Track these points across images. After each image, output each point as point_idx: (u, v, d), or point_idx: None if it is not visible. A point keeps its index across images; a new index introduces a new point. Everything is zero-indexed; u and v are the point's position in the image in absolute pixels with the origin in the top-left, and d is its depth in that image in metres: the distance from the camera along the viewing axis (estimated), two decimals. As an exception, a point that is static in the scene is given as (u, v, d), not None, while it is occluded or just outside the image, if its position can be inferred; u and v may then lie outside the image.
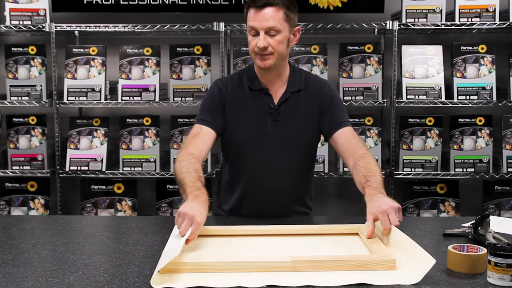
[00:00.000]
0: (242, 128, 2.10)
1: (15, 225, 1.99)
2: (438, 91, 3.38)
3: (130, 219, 2.24)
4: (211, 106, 2.11)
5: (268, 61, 2.02)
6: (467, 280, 1.44)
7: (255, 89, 2.11)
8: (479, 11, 3.36)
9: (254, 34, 2.01)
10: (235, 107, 2.11)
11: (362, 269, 1.47)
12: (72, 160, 3.46)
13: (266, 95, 2.10)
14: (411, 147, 3.43)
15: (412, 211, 3.48)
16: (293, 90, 2.11)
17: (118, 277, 1.46)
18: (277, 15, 1.99)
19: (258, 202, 2.12)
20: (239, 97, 2.11)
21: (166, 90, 3.56)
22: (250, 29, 2.02)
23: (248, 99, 2.11)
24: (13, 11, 3.45)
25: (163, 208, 3.53)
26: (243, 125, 2.10)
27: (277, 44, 2.00)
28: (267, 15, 1.98)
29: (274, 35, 2.00)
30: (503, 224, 1.99)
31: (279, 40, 2.00)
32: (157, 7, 3.50)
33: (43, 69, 3.47)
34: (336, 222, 2.04)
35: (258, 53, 2.01)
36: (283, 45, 2.03)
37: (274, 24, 1.98)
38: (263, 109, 2.09)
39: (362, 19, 3.51)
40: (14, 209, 3.55)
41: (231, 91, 2.12)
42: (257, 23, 1.99)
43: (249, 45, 2.05)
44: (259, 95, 2.11)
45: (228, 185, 2.20)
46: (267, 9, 1.98)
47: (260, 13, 1.99)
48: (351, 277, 1.41)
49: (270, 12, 1.98)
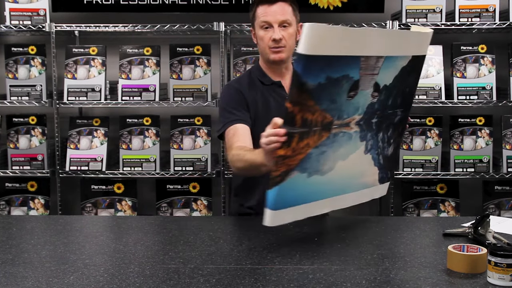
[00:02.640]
0: (265, 120, 2.11)
1: (15, 225, 1.99)
2: (438, 91, 3.38)
3: (130, 219, 2.24)
4: (234, 106, 2.15)
5: (283, 54, 2.14)
6: (467, 280, 1.44)
7: (268, 84, 2.20)
8: (479, 11, 3.36)
9: (266, 28, 2.12)
10: (255, 103, 2.17)
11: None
12: (72, 160, 3.46)
13: (279, 87, 2.20)
14: (411, 147, 3.43)
15: (412, 211, 3.49)
16: None
17: (118, 277, 1.46)
18: (287, 9, 2.13)
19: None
20: (256, 93, 2.18)
21: (166, 90, 3.56)
22: (263, 24, 2.12)
23: (264, 94, 2.19)
24: (13, 11, 3.45)
25: (163, 208, 3.53)
26: (266, 119, 2.10)
27: (289, 36, 2.14)
28: (279, 9, 2.11)
29: (287, 28, 2.12)
30: (503, 224, 1.99)
31: (291, 33, 2.14)
32: (157, 7, 3.50)
33: (43, 69, 3.47)
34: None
35: (273, 46, 2.12)
36: (294, 38, 2.16)
37: (286, 18, 2.12)
38: (280, 101, 2.16)
39: (362, 19, 3.51)
40: (14, 209, 3.55)
41: (247, 90, 2.19)
42: (270, 17, 2.11)
43: (261, 41, 2.16)
44: (273, 88, 2.20)
45: (248, 181, 2.20)
46: (279, 3, 2.12)
47: (272, 7, 2.11)
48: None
49: (282, 7, 2.12)
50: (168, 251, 1.69)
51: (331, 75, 1.57)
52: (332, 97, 1.62)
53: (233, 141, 2.07)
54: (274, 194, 1.60)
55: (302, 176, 1.65)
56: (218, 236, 1.86)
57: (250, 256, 1.64)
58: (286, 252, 1.68)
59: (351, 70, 1.63)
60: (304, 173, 1.65)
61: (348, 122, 1.71)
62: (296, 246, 1.74)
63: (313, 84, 1.54)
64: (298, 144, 1.58)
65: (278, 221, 1.67)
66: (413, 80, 1.93)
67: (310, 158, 1.64)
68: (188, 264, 1.57)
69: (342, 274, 1.50)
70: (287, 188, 1.62)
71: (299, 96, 1.53)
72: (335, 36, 1.56)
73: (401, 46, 1.79)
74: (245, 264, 1.58)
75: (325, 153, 1.68)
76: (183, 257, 1.64)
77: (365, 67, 1.66)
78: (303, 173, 1.65)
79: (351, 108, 1.70)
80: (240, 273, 1.51)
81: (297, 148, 1.59)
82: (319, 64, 1.54)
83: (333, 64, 1.57)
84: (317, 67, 1.54)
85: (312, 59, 1.51)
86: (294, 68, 1.53)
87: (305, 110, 1.55)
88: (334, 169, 1.75)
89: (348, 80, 1.63)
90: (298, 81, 1.52)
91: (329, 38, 1.54)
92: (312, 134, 1.61)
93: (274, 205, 1.62)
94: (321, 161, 1.68)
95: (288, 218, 1.71)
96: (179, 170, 3.42)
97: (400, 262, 1.60)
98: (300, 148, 1.60)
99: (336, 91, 1.62)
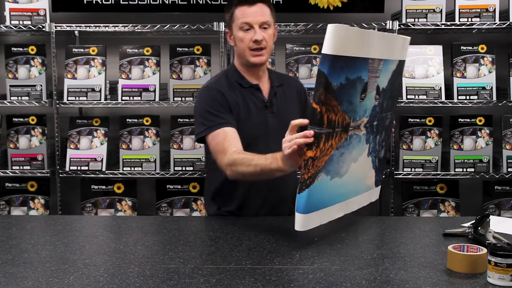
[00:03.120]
0: (246, 124, 2.15)
1: (15, 225, 1.99)
2: (438, 91, 3.38)
3: (130, 219, 2.24)
4: (218, 108, 2.12)
5: (263, 56, 2.14)
6: (467, 280, 1.44)
7: (246, 87, 2.19)
8: (479, 11, 3.36)
9: (247, 29, 2.11)
10: (237, 106, 2.15)
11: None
12: (72, 160, 3.46)
13: (257, 90, 2.20)
14: (411, 147, 3.43)
15: (412, 211, 3.48)
16: (277, 84, 2.24)
17: (118, 277, 1.46)
18: (266, 10, 2.14)
19: (265, 192, 2.17)
20: (236, 95, 2.16)
21: (166, 90, 3.56)
22: (243, 26, 2.11)
23: (244, 96, 2.18)
24: (13, 11, 3.45)
25: (163, 208, 3.53)
26: (246, 122, 2.15)
27: (269, 37, 2.14)
28: (260, 10, 2.11)
29: (267, 29, 2.13)
30: (503, 224, 1.99)
31: (270, 34, 2.15)
32: (157, 7, 3.50)
33: (43, 69, 3.47)
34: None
35: (254, 47, 2.11)
36: (272, 40, 2.18)
37: (266, 19, 2.13)
38: (258, 103, 2.18)
39: (362, 19, 3.50)
40: (14, 209, 3.55)
41: (228, 92, 2.16)
42: (251, 18, 2.10)
43: (240, 42, 2.14)
44: (251, 91, 2.19)
45: (228, 185, 2.18)
46: (258, 5, 2.12)
47: (252, 8, 2.11)
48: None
49: (261, 8, 2.12)
50: (168, 251, 1.69)
51: (349, 76, 1.61)
52: (349, 98, 1.65)
53: (226, 145, 2.03)
54: (305, 197, 1.61)
55: (326, 179, 1.67)
56: (218, 236, 1.86)
57: (250, 256, 1.64)
58: (286, 252, 1.68)
59: (363, 72, 1.66)
60: (328, 176, 1.68)
61: (359, 124, 1.74)
62: (296, 246, 1.74)
63: (336, 85, 1.57)
64: (324, 145, 1.61)
65: (308, 225, 1.68)
66: (398, 84, 2.01)
67: (332, 160, 1.67)
68: (188, 264, 1.57)
69: (342, 274, 1.50)
70: (315, 191, 1.64)
71: (326, 96, 1.55)
72: (353, 38, 1.59)
73: (393, 50, 1.85)
74: (245, 264, 1.58)
75: (343, 155, 1.72)
76: (183, 257, 1.64)
77: (372, 69, 1.70)
78: (328, 175, 1.67)
79: (361, 110, 1.73)
80: (240, 273, 1.51)
81: (323, 149, 1.61)
82: (340, 65, 1.56)
83: (350, 65, 1.60)
84: (338, 68, 1.56)
85: (335, 60, 1.53)
86: (319, 68, 1.54)
87: (330, 110, 1.58)
88: (348, 172, 1.78)
89: (360, 82, 1.67)
90: (325, 81, 1.53)
91: (349, 39, 1.57)
92: (335, 135, 1.64)
93: (305, 208, 1.63)
94: (340, 163, 1.71)
95: (315, 222, 1.71)
96: (179, 170, 3.42)
97: (400, 262, 1.60)
98: (326, 149, 1.62)
99: (353, 92, 1.65)
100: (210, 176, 2.28)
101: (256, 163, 1.89)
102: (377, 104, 1.81)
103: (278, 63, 3.48)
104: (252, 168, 1.91)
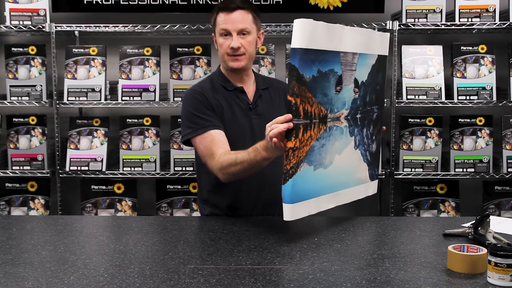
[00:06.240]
0: (231, 126, 2.16)
1: (15, 225, 1.99)
2: (438, 91, 3.38)
3: (130, 219, 2.24)
4: (203, 111, 2.14)
5: (241, 62, 2.15)
6: (467, 280, 1.44)
7: (230, 89, 2.21)
8: (479, 11, 3.36)
9: (225, 35, 2.13)
10: (220, 108, 2.17)
11: None
12: (72, 160, 3.46)
13: (242, 92, 2.21)
14: (411, 147, 3.43)
15: (412, 211, 3.48)
16: (263, 87, 2.25)
17: (118, 277, 1.46)
18: (247, 17, 2.14)
19: (255, 193, 2.18)
20: (219, 98, 2.18)
21: (166, 90, 3.56)
22: (222, 32, 2.14)
23: (227, 99, 2.19)
24: (13, 11, 3.45)
25: (163, 208, 3.53)
26: (230, 123, 2.17)
27: (248, 44, 2.15)
28: (239, 17, 2.12)
29: (245, 36, 2.13)
30: (503, 224, 1.99)
31: (250, 41, 2.15)
32: (157, 7, 3.50)
33: (43, 69, 3.47)
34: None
35: (231, 54, 2.13)
36: (253, 46, 2.18)
37: (245, 26, 2.13)
38: (243, 105, 2.19)
39: (362, 19, 3.50)
40: (14, 209, 3.55)
41: (211, 95, 2.18)
42: (229, 25, 2.12)
43: (220, 48, 2.18)
44: (236, 94, 2.21)
45: (217, 186, 2.18)
46: (238, 12, 2.12)
47: (231, 15, 2.12)
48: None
49: (241, 15, 2.13)
50: (168, 251, 1.69)
51: (321, 68, 1.69)
52: (323, 90, 1.72)
53: (214, 149, 2.05)
54: (290, 187, 1.67)
55: (310, 169, 1.73)
56: (218, 236, 1.86)
57: (250, 256, 1.64)
58: (286, 252, 1.68)
59: (335, 65, 1.75)
60: (311, 166, 1.74)
61: (338, 116, 1.82)
62: (296, 246, 1.74)
63: (309, 77, 1.65)
64: (303, 136, 1.67)
65: (296, 215, 1.73)
66: (381, 78, 2.05)
67: (314, 151, 1.73)
68: (188, 264, 1.57)
69: (342, 274, 1.50)
70: (299, 181, 1.69)
71: (299, 88, 1.63)
72: (321, 31, 1.67)
73: (370, 45, 1.92)
74: (245, 264, 1.58)
75: (325, 146, 1.78)
76: (183, 257, 1.64)
77: (345, 62, 1.79)
78: (310, 165, 1.73)
79: (339, 102, 1.81)
80: (240, 273, 1.51)
81: (303, 140, 1.68)
82: (310, 57, 1.64)
83: (321, 58, 1.68)
84: (309, 60, 1.64)
85: (305, 53, 1.61)
86: (290, 62, 1.61)
87: (306, 102, 1.66)
88: (333, 163, 1.83)
89: (334, 74, 1.75)
90: (296, 74, 1.61)
91: (317, 32, 1.65)
92: (313, 126, 1.71)
93: (290, 198, 1.69)
94: (322, 154, 1.77)
95: (303, 212, 1.76)
96: (179, 170, 3.42)
97: (400, 262, 1.60)
98: (306, 140, 1.69)
99: (326, 84, 1.73)
100: (200, 180, 2.29)
101: (241, 160, 1.93)
102: (358, 97, 1.90)
103: (278, 63, 3.48)
104: (240, 166, 1.94)
